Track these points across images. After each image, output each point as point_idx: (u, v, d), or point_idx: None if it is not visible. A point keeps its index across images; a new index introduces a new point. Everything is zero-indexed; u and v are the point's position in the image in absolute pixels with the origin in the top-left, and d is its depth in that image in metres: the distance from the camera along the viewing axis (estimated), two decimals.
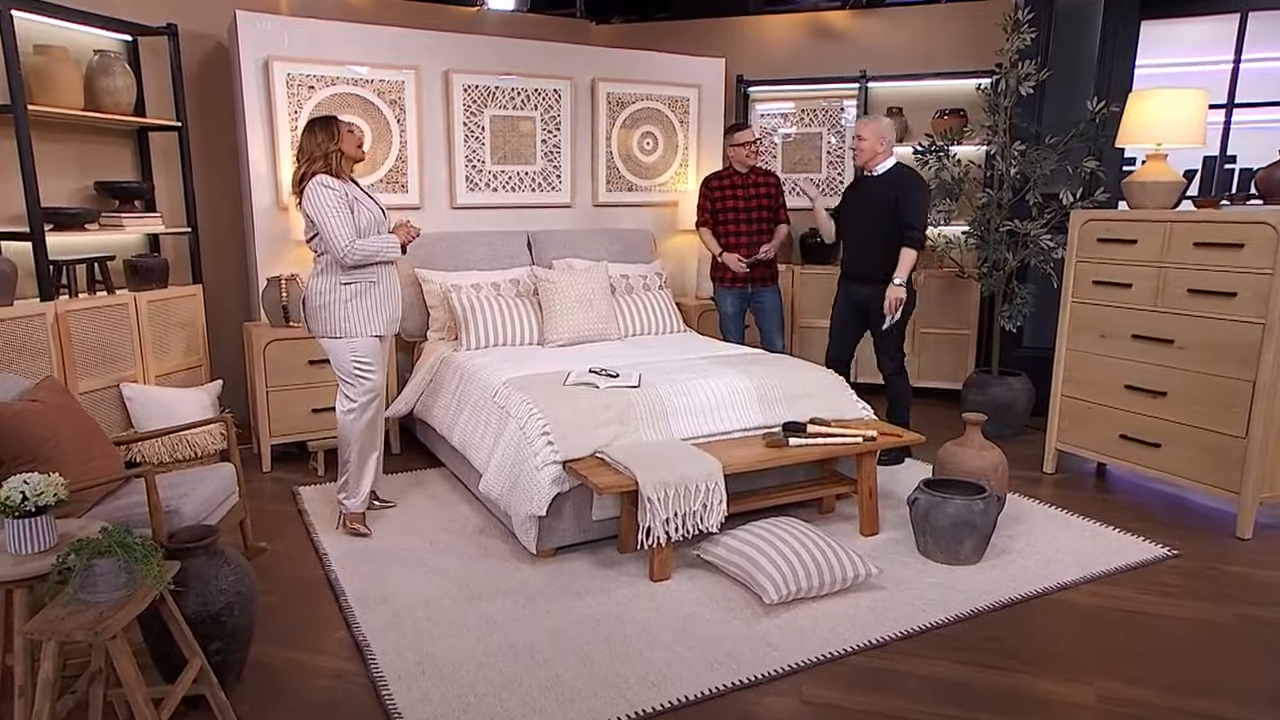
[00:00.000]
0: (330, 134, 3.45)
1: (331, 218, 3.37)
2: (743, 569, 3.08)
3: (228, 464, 3.30)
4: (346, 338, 3.49)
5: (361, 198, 3.52)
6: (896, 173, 4.35)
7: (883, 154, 4.34)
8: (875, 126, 4.34)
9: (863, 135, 4.33)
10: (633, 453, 3.30)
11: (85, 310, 3.88)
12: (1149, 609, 3.06)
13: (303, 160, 3.47)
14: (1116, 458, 4.16)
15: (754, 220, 4.90)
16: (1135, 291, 4.03)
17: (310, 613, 3.01)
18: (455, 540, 3.60)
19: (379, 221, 3.55)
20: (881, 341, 4.45)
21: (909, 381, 4.52)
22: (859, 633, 2.85)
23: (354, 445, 3.60)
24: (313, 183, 3.40)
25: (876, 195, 4.35)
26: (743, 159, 4.91)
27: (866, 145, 4.33)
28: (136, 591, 2.11)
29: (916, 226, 4.26)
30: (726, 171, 4.99)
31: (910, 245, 4.26)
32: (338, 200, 3.38)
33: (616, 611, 2.99)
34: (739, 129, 4.96)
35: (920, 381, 5.81)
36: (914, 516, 3.42)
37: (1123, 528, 3.76)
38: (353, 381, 3.54)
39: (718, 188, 4.99)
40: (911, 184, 4.31)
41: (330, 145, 3.45)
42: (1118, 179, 4.66)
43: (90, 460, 2.78)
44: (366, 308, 3.51)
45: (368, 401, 3.57)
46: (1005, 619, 2.98)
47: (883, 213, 4.30)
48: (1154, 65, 5.31)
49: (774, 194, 4.95)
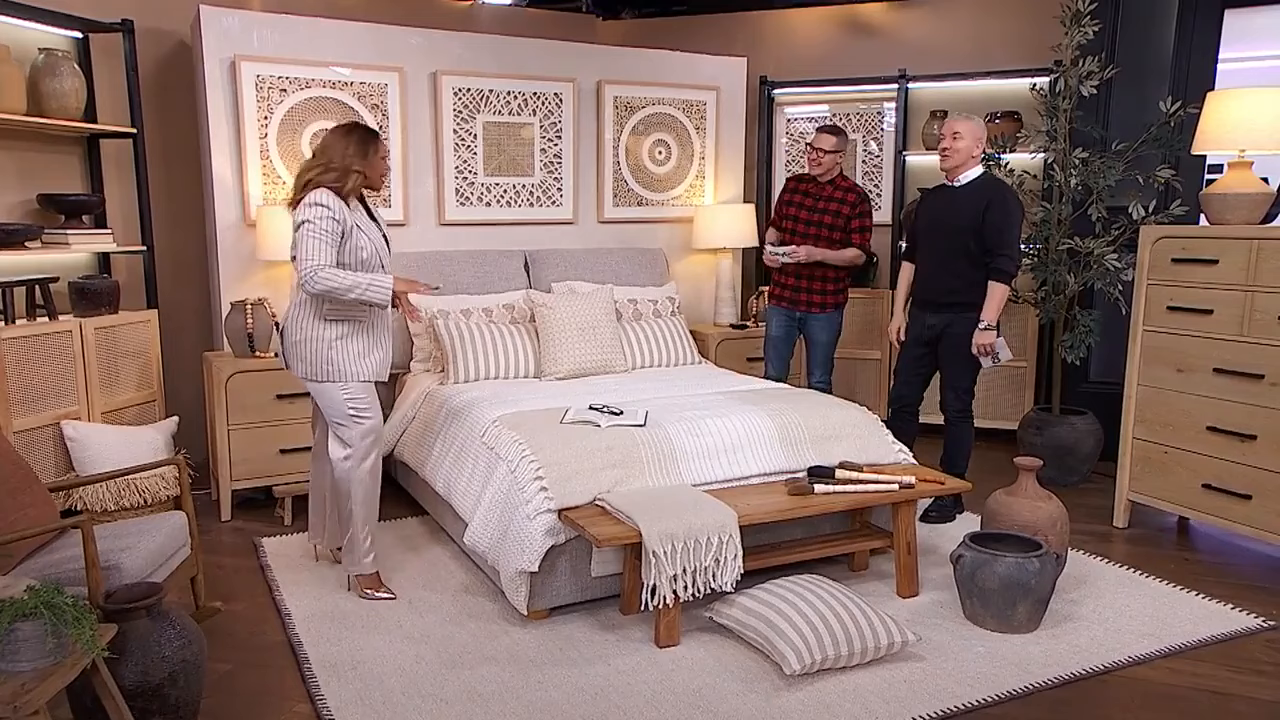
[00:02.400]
0: (364, 152, 3.41)
1: (310, 236, 3.30)
2: (761, 634, 3.05)
3: (180, 512, 3.31)
4: (338, 381, 3.45)
5: (364, 225, 3.47)
6: (987, 183, 4.25)
7: (975, 160, 4.25)
8: (973, 126, 4.20)
9: (960, 133, 4.17)
10: (637, 500, 3.29)
11: (23, 338, 3.92)
12: (1238, 690, 2.99)
13: (316, 164, 3.40)
14: (1200, 511, 4.09)
15: (810, 235, 4.85)
16: (1217, 319, 3.99)
17: (268, 683, 2.99)
18: (436, 599, 3.58)
19: (378, 254, 3.50)
20: (950, 379, 4.38)
21: (973, 428, 4.44)
22: (892, 710, 2.80)
23: (356, 495, 3.52)
24: (310, 196, 3.35)
25: (961, 208, 4.22)
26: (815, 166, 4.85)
27: (963, 146, 4.18)
28: (66, 660, 2.11)
29: (1008, 254, 4.12)
30: (809, 175, 4.98)
31: (998, 279, 4.13)
32: (327, 220, 3.32)
33: (618, 682, 2.96)
34: (819, 130, 4.89)
35: None
36: (959, 576, 3.38)
37: (1207, 593, 3.69)
38: (347, 424, 3.49)
39: (792, 189, 5.02)
40: (1005, 200, 4.16)
41: (358, 163, 3.40)
42: (1196, 190, 4.64)
43: (21, 509, 2.79)
44: (354, 351, 3.47)
45: (369, 445, 3.53)
46: (1065, 698, 2.92)
47: (965, 230, 4.19)
48: (1238, 60, 5.30)
49: (846, 212, 4.81)
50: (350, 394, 3.47)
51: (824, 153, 4.78)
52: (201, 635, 2.66)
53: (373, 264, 3.47)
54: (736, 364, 5.31)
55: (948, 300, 4.28)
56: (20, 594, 2.12)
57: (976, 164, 4.27)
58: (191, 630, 2.61)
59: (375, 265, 3.48)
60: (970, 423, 4.43)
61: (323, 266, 3.30)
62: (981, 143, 4.24)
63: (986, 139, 4.30)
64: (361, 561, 3.59)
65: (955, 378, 4.37)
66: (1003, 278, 4.15)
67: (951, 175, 4.30)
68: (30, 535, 2.70)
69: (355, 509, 3.53)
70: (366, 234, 3.45)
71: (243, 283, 4.81)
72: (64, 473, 4.04)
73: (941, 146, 4.27)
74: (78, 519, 2.67)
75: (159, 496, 4.01)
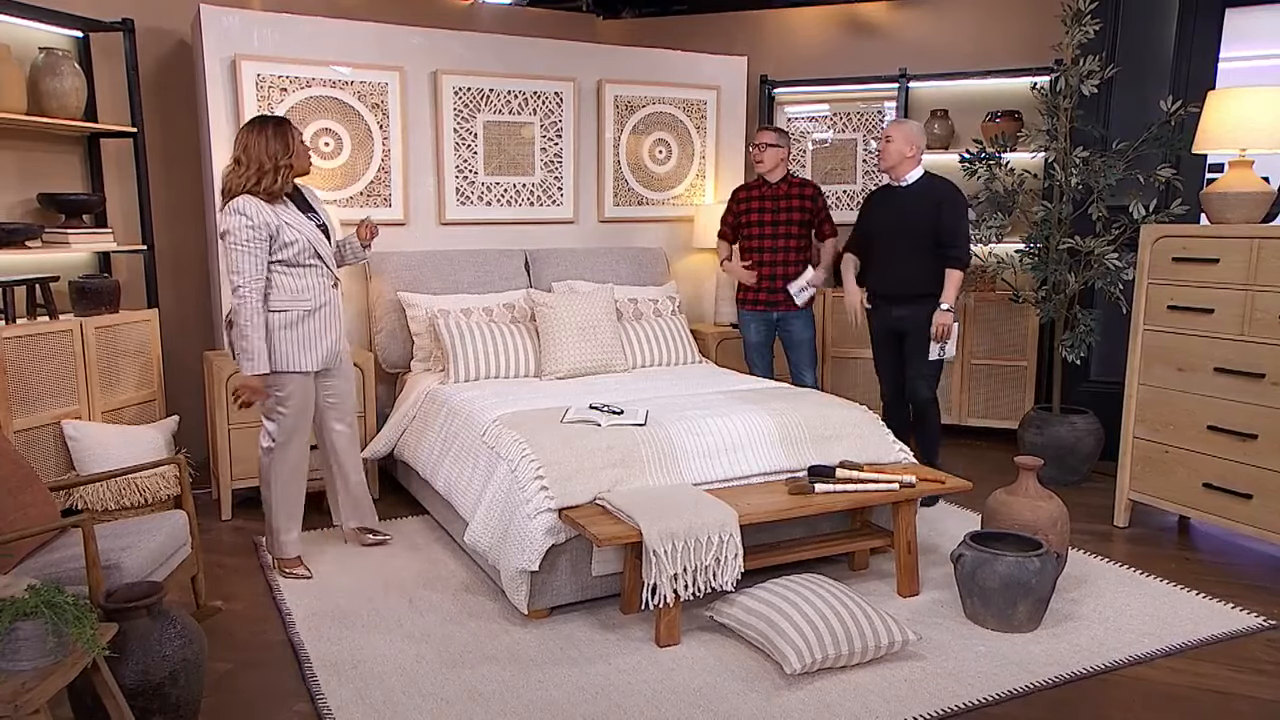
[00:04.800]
0: (286, 144, 3.48)
1: (233, 249, 3.42)
2: (761, 633, 3.05)
3: (180, 511, 3.31)
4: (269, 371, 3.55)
5: (294, 220, 3.54)
6: (931, 183, 4.49)
7: (911, 160, 4.47)
8: (905, 128, 4.50)
9: (891, 135, 4.46)
10: (637, 499, 3.29)
11: (24, 338, 3.92)
12: (1239, 689, 2.98)
13: (247, 171, 3.45)
14: (1200, 510, 4.09)
15: (781, 236, 4.90)
16: (1218, 318, 3.99)
17: (268, 682, 2.99)
18: (437, 598, 3.58)
19: (311, 245, 3.57)
20: (916, 367, 4.53)
21: (939, 413, 4.64)
22: (893, 709, 2.80)
23: (274, 488, 3.72)
24: (230, 204, 3.43)
25: (909, 207, 4.47)
26: (758, 164, 4.95)
27: (894, 148, 4.44)
28: (66, 659, 2.11)
29: (961, 245, 4.42)
30: (756, 181, 5.03)
31: (956, 266, 4.40)
32: (245, 230, 3.41)
33: (618, 681, 2.95)
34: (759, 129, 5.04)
35: (971, 420, 5.80)
36: (959, 575, 3.38)
37: (1208, 592, 3.69)
38: (274, 418, 3.66)
39: (744, 199, 5.03)
40: (954, 198, 4.45)
41: (283, 157, 3.47)
42: (1197, 190, 4.64)
43: (21, 508, 2.79)
44: (298, 339, 3.58)
45: (286, 441, 3.68)
46: (1066, 698, 2.92)
47: (918, 227, 4.44)
48: (1239, 59, 5.29)
49: (810, 206, 4.92)
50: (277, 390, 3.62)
51: (766, 146, 4.87)
52: (202, 634, 2.66)
53: (303, 257, 3.54)
54: (736, 363, 5.31)
55: (911, 292, 4.49)
56: (21, 593, 2.12)
57: (915, 164, 4.49)
58: (192, 629, 2.61)
59: (307, 258, 3.56)
60: (937, 407, 4.63)
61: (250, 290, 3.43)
62: (914, 144, 4.45)
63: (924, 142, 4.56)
64: (283, 547, 3.77)
65: (921, 365, 4.52)
66: (959, 265, 4.42)
67: (894, 175, 4.52)
68: (31, 534, 2.70)
69: (272, 499, 3.74)
70: (296, 228, 3.53)
71: None
72: (64, 472, 4.04)
73: (878, 149, 4.61)
74: (78, 518, 2.67)
75: (159, 496, 4.02)
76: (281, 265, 3.54)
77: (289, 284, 3.56)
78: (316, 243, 3.59)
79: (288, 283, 3.56)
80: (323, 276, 3.65)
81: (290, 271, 3.56)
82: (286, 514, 3.76)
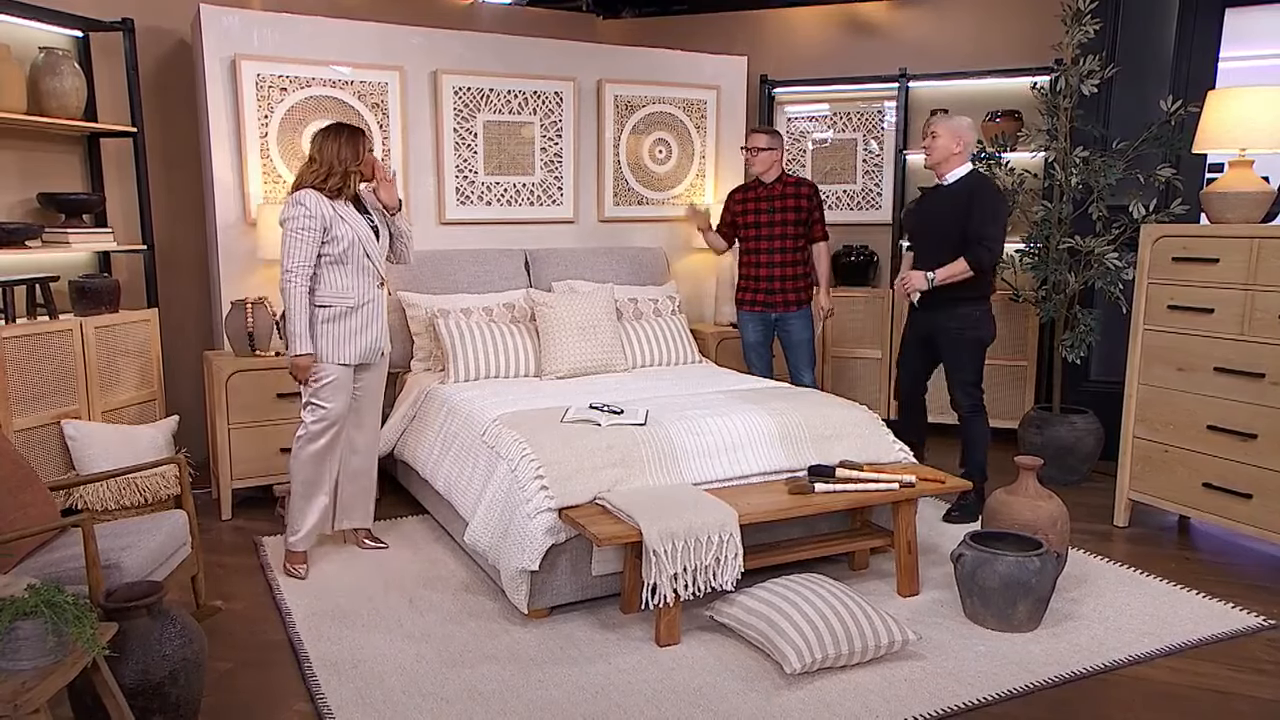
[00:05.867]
0: (356, 152, 3.71)
1: (289, 235, 3.62)
2: (761, 633, 3.05)
3: (180, 511, 3.31)
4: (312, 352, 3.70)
5: (348, 217, 3.72)
6: (971, 180, 4.31)
7: (958, 157, 4.30)
8: (951, 124, 4.31)
9: (937, 132, 4.29)
10: (637, 499, 3.29)
11: (24, 337, 3.92)
12: (1239, 689, 2.98)
13: (319, 169, 3.67)
14: (1200, 510, 4.09)
15: (778, 236, 4.90)
16: (1218, 318, 3.99)
17: (268, 682, 2.99)
18: (437, 597, 3.58)
19: (360, 242, 3.73)
20: (954, 376, 4.40)
21: (988, 422, 4.44)
22: (893, 709, 2.80)
23: (296, 476, 3.80)
24: (293, 195, 3.65)
25: (948, 206, 4.30)
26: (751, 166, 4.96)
27: (940, 144, 4.28)
28: (66, 658, 2.11)
29: (986, 245, 4.17)
30: (752, 183, 5.03)
31: (969, 260, 4.17)
32: (304, 218, 3.62)
33: (618, 681, 2.96)
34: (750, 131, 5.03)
35: None
36: (959, 575, 3.38)
37: (1208, 592, 3.69)
38: (309, 407, 3.76)
39: (740, 200, 5.03)
40: (986, 193, 4.26)
41: (353, 163, 3.70)
42: (1197, 189, 4.64)
43: (21, 508, 2.79)
44: (338, 334, 3.72)
45: (319, 430, 3.76)
46: (1066, 697, 2.92)
47: (953, 227, 4.25)
48: (1239, 59, 5.29)
49: (806, 205, 4.91)
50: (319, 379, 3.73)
51: (759, 150, 4.85)
52: (202, 634, 2.66)
53: (352, 253, 3.72)
54: (736, 363, 5.30)
55: (942, 297, 4.29)
56: (21, 593, 2.12)
57: (963, 161, 4.32)
58: (192, 629, 2.61)
59: (356, 254, 3.72)
60: (982, 416, 4.42)
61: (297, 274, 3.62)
62: (962, 139, 4.27)
63: (976, 136, 4.35)
64: (291, 538, 3.84)
65: (958, 372, 4.38)
66: (972, 262, 4.17)
67: (939, 173, 4.37)
68: (31, 534, 2.70)
69: (293, 487, 3.83)
70: (349, 224, 3.70)
71: (243, 281, 4.80)
72: (64, 472, 4.04)
73: (923, 146, 4.43)
74: (78, 518, 2.67)
75: (159, 495, 4.01)
76: (330, 260, 3.69)
77: (336, 280, 3.72)
78: (365, 240, 3.75)
79: (335, 280, 3.72)
80: (369, 275, 3.79)
81: (338, 268, 3.71)
82: (299, 509, 3.82)
